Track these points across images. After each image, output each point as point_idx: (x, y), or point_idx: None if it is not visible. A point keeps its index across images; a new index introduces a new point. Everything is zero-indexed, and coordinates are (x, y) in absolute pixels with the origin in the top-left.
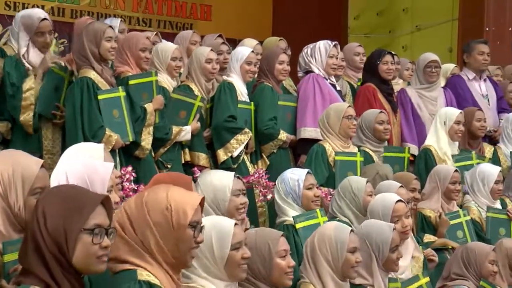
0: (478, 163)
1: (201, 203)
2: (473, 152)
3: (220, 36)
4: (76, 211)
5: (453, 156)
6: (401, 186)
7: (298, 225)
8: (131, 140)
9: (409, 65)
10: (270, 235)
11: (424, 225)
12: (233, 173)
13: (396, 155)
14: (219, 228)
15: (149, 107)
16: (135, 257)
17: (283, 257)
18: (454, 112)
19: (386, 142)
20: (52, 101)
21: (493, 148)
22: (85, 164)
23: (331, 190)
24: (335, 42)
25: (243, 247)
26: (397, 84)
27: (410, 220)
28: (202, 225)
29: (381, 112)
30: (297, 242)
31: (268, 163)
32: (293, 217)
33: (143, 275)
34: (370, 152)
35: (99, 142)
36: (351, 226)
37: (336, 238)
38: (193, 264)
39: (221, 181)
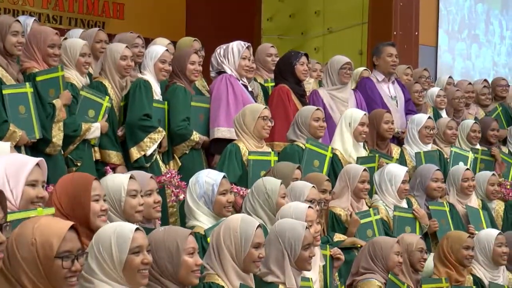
0: (379, 165)
1: (77, 230)
2: (377, 154)
3: (131, 33)
4: None
5: (358, 158)
6: (313, 186)
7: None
8: (38, 137)
9: (317, 66)
10: (178, 233)
11: (334, 223)
12: (130, 173)
13: (319, 151)
14: (119, 232)
15: (57, 102)
16: None
17: (190, 254)
18: (359, 114)
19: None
20: None
21: (400, 149)
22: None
23: (243, 189)
24: (248, 43)
25: (144, 252)
26: (308, 83)
27: (320, 226)
28: (80, 251)
29: (317, 109)
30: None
31: (180, 164)
32: (205, 230)
33: None
34: (304, 148)
35: (2, 137)
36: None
37: (242, 232)
38: (94, 269)
39: (116, 182)
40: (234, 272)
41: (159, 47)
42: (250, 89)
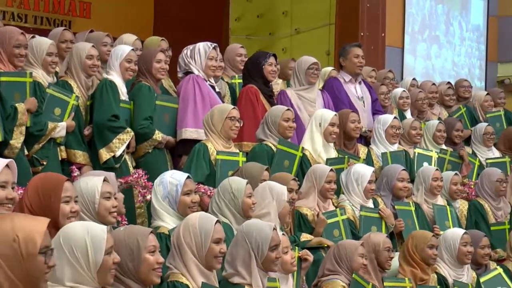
0: (348, 167)
1: (49, 226)
2: (346, 156)
3: (91, 31)
4: None
5: (327, 159)
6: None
7: None
8: (1, 139)
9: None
10: (139, 231)
11: (301, 223)
12: (103, 176)
13: (289, 151)
14: (94, 233)
15: (20, 106)
16: None
17: (152, 252)
18: (329, 114)
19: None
20: None
21: (367, 149)
22: None
23: (211, 188)
24: (215, 44)
25: (113, 252)
26: (276, 84)
27: (294, 252)
28: (51, 248)
29: (288, 109)
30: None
31: (134, 164)
32: (169, 230)
33: None
34: (273, 147)
35: None
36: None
37: (201, 228)
38: (56, 274)
39: (90, 184)
40: (197, 270)
41: (125, 47)
42: (217, 89)
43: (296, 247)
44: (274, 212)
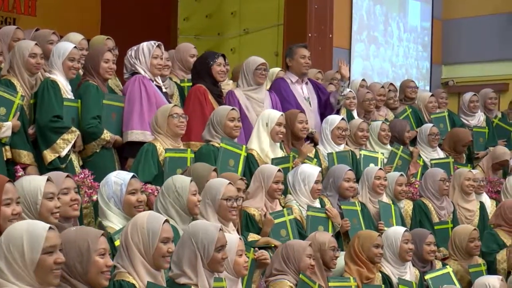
0: (293, 166)
1: None
2: (291, 155)
3: (37, 29)
4: None
5: (272, 159)
6: (230, 183)
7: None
8: None
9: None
10: (90, 233)
11: (248, 223)
12: (47, 176)
13: (234, 150)
14: (31, 231)
15: None
16: None
17: (101, 255)
18: (276, 114)
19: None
20: None
21: (314, 150)
22: None
23: (158, 188)
24: (159, 42)
25: (57, 251)
26: (227, 85)
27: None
28: None
29: (233, 109)
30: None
31: (81, 163)
32: (111, 234)
33: None
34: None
35: None
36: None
37: (149, 227)
38: (3, 269)
39: (33, 184)
40: (144, 269)
41: (67, 44)
42: (164, 90)
43: (252, 249)
44: (211, 211)
